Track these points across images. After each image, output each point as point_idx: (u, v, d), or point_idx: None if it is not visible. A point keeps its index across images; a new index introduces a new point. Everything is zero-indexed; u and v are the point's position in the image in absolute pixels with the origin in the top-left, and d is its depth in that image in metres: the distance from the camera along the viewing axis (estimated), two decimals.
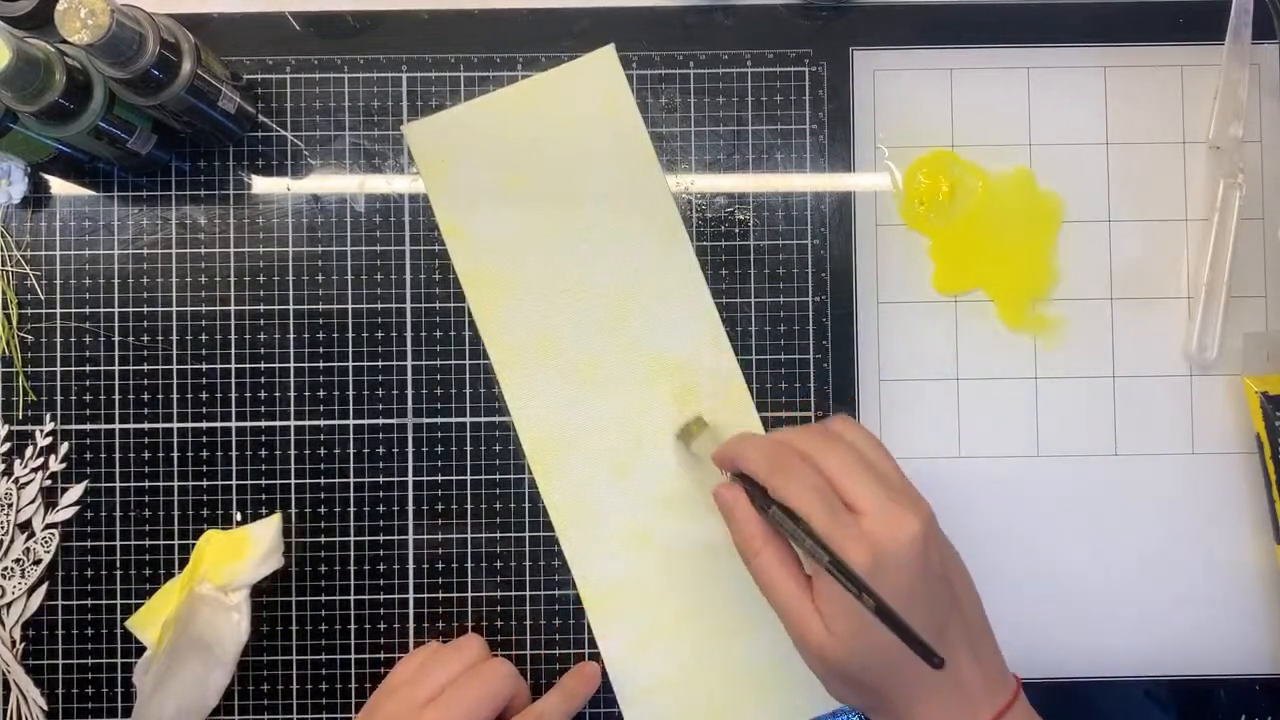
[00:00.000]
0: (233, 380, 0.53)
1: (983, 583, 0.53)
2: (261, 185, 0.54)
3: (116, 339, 0.53)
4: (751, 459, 0.43)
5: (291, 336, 0.54)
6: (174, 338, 0.54)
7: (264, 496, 0.53)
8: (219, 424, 0.53)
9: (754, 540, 0.43)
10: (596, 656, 0.53)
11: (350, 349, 0.54)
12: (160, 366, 0.53)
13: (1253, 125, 0.54)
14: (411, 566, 0.53)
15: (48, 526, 0.53)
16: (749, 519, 0.43)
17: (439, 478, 0.53)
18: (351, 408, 0.53)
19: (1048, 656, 0.53)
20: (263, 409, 0.53)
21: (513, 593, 0.53)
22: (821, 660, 0.42)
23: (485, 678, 0.47)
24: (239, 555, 0.51)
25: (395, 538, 0.53)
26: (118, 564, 0.53)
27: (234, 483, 0.53)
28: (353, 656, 0.53)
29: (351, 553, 0.53)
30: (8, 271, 0.53)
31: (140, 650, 0.52)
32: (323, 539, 0.53)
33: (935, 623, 0.41)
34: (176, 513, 0.53)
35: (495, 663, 0.49)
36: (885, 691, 0.42)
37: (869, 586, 0.39)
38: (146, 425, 0.53)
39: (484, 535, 0.53)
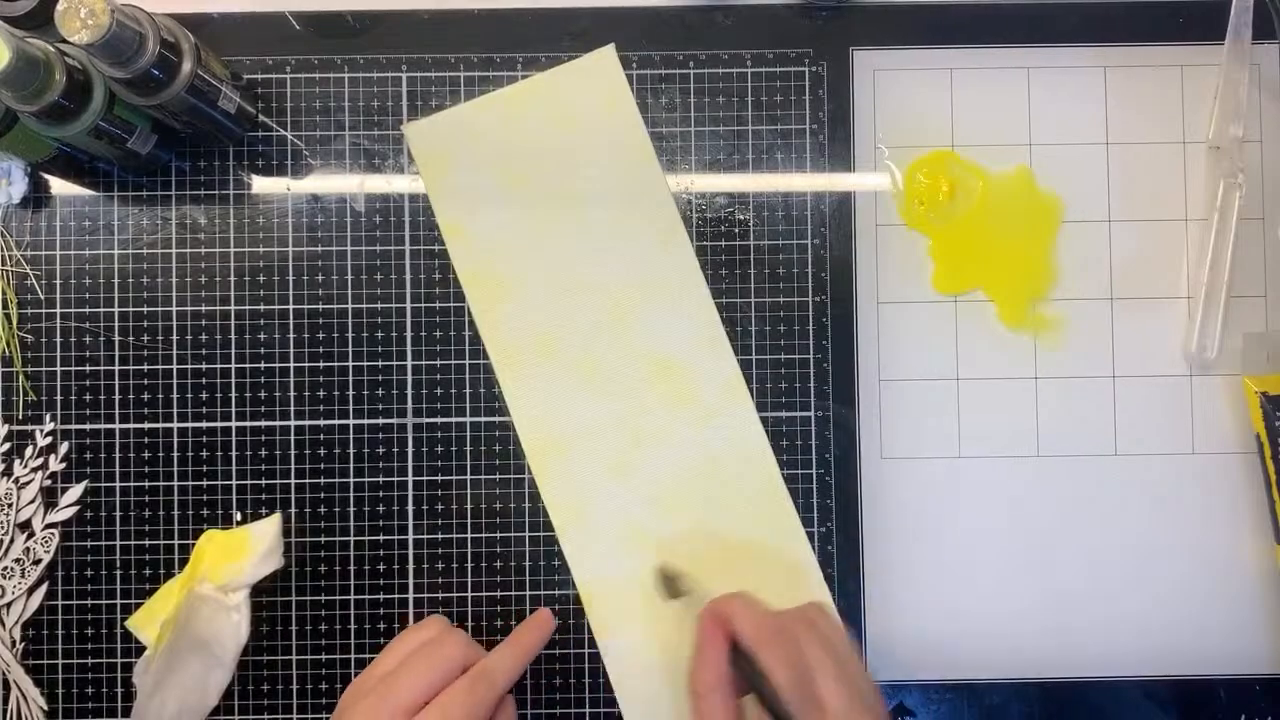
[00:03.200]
0: (233, 380, 0.53)
1: (982, 582, 0.53)
2: (261, 185, 0.54)
3: (116, 339, 0.53)
4: (744, 624, 0.45)
5: (291, 336, 0.54)
6: (174, 338, 0.54)
7: (264, 496, 0.53)
8: (219, 424, 0.53)
9: (713, 680, 0.45)
10: (596, 656, 0.53)
11: (350, 349, 0.54)
12: (160, 366, 0.53)
13: (1252, 125, 0.54)
14: (411, 566, 0.53)
15: (48, 526, 0.53)
16: (719, 660, 0.45)
17: (439, 478, 0.53)
18: (351, 408, 0.53)
19: (1048, 656, 0.53)
20: (263, 409, 0.53)
21: (513, 593, 0.53)
22: None
23: (433, 649, 0.47)
24: (239, 555, 0.51)
25: (395, 538, 0.53)
26: (118, 564, 0.53)
27: (234, 483, 0.53)
28: (353, 656, 0.53)
29: (351, 553, 0.53)
30: (8, 271, 0.53)
31: (140, 650, 0.52)
32: (323, 539, 0.53)
33: None
34: (176, 513, 0.53)
35: (447, 634, 0.48)
36: None
37: None
38: (146, 425, 0.53)
39: (484, 535, 0.53)
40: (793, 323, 0.54)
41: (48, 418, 0.53)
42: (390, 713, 0.44)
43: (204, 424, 0.53)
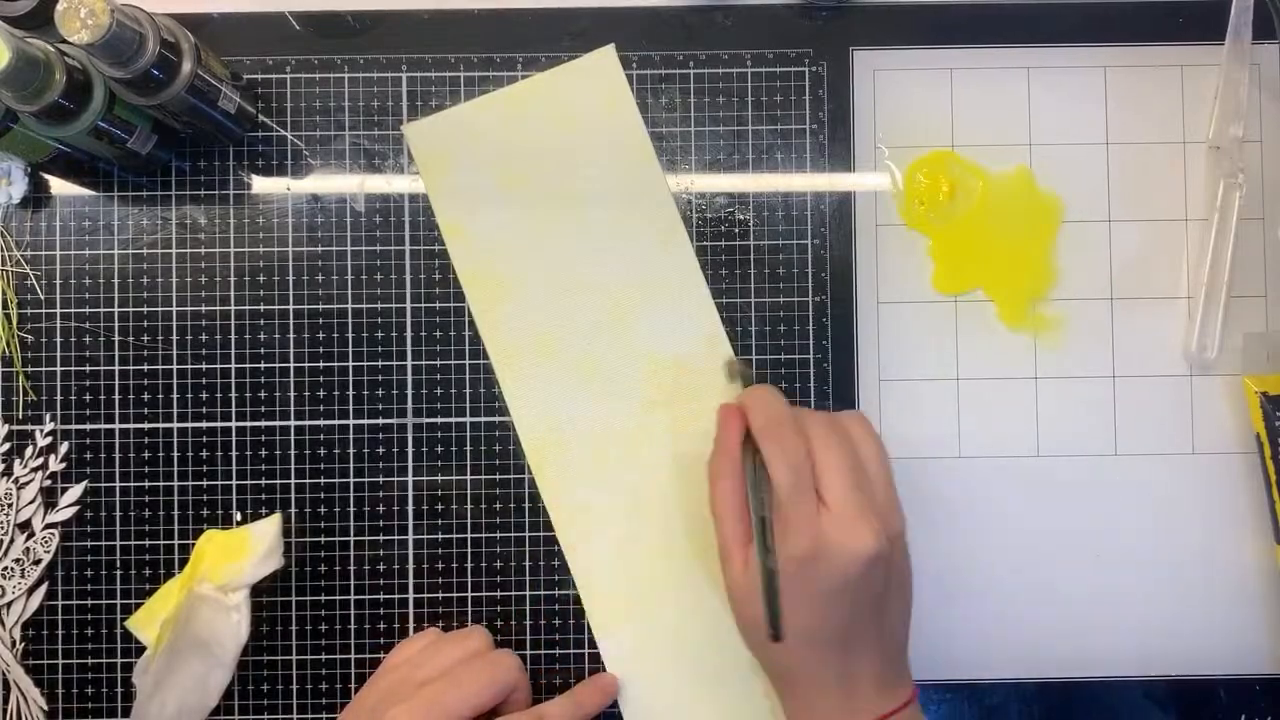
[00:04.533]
0: (233, 380, 0.53)
1: (982, 583, 0.53)
2: (261, 185, 0.54)
3: (116, 339, 0.53)
4: (756, 414, 0.46)
5: (291, 336, 0.54)
6: (174, 338, 0.54)
7: (264, 496, 0.53)
8: (219, 424, 0.53)
9: (720, 466, 0.46)
10: (596, 656, 0.53)
11: (350, 349, 0.54)
12: (160, 366, 0.53)
13: (1252, 125, 0.54)
14: (411, 566, 0.53)
15: (48, 526, 0.53)
16: (731, 447, 0.46)
17: (439, 478, 0.53)
18: (351, 408, 0.53)
19: (1048, 656, 0.53)
20: (263, 409, 0.53)
21: (513, 593, 0.53)
22: (731, 592, 0.46)
23: (487, 665, 0.47)
24: (239, 555, 0.51)
25: (395, 538, 0.53)
26: (118, 564, 0.53)
27: (234, 483, 0.53)
28: (353, 656, 0.53)
29: (351, 553, 0.53)
30: (8, 271, 0.53)
31: (140, 650, 0.52)
32: (323, 539, 0.53)
33: (843, 625, 0.44)
34: (176, 513, 0.53)
35: (500, 653, 0.49)
36: (774, 648, 0.44)
37: (773, 560, 0.43)
38: (146, 425, 0.53)
39: (484, 535, 0.53)
40: (793, 323, 0.54)
41: (48, 418, 0.53)
42: None
43: (204, 424, 0.53)
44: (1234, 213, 0.53)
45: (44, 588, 0.53)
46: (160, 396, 0.53)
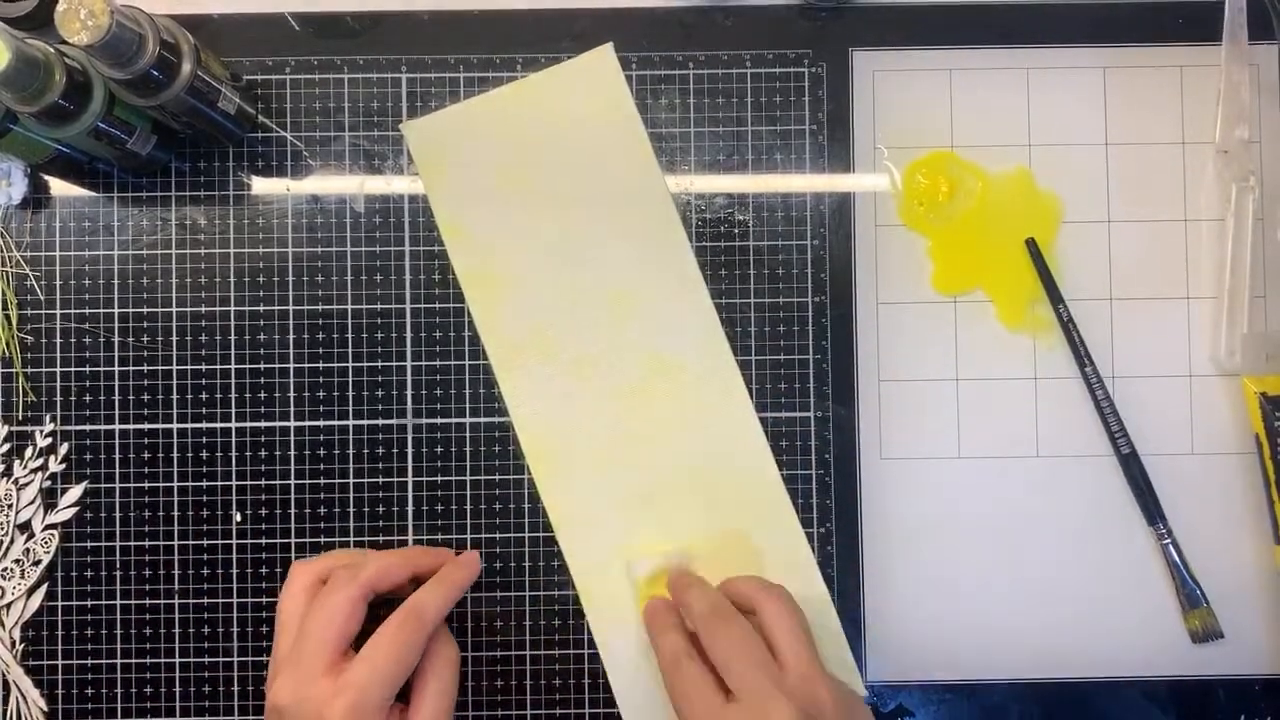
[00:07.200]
0: (233, 380, 0.53)
1: (981, 583, 0.53)
2: (261, 185, 0.54)
3: (116, 339, 0.53)
4: (694, 610, 0.47)
5: (291, 336, 0.54)
6: (174, 338, 0.54)
7: (264, 496, 0.53)
8: (219, 424, 0.53)
9: (677, 652, 0.46)
10: (596, 656, 0.53)
11: (350, 349, 0.54)
12: (160, 366, 0.53)
13: (1252, 126, 0.54)
14: None
15: (47, 527, 0.53)
16: (673, 634, 0.47)
17: (439, 478, 0.53)
18: (351, 408, 0.53)
19: (1048, 656, 0.53)
20: (263, 409, 0.53)
21: (513, 593, 0.53)
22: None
23: (325, 597, 0.46)
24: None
25: (395, 538, 0.53)
26: (118, 564, 0.53)
27: (234, 483, 0.53)
28: None
29: None
30: (8, 271, 0.53)
31: (141, 650, 0.52)
32: (323, 539, 0.53)
33: None
34: (176, 513, 0.53)
35: (338, 581, 0.46)
36: None
37: None
38: (146, 425, 0.53)
39: (484, 535, 0.53)
40: (792, 323, 0.54)
41: (48, 418, 0.53)
42: (309, 677, 0.42)
43: (204, 424, 0.53)
44: (1249, 216, 0.53)
45: (44, 588, 0.53)
46: (160, 397, 0.53)
